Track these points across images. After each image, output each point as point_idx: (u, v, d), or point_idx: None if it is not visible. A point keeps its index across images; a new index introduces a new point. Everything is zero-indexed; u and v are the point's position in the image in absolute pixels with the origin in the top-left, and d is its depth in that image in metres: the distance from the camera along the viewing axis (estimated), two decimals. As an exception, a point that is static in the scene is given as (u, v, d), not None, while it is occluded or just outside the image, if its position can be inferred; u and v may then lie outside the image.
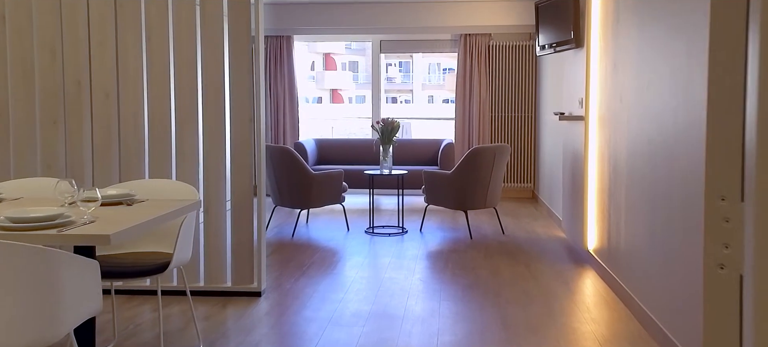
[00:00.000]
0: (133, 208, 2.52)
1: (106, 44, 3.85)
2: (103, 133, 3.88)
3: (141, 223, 2.20)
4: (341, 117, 23.55)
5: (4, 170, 3.93)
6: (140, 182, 3.04)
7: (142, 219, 2.27)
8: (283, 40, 8.09)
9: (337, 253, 4.95)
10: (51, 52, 3.88)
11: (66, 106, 3.89)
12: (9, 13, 3.86)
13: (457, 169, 5.40)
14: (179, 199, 2.77)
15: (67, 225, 2.11)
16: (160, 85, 3.85)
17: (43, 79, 3.89)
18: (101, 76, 3.86)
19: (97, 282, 2.04)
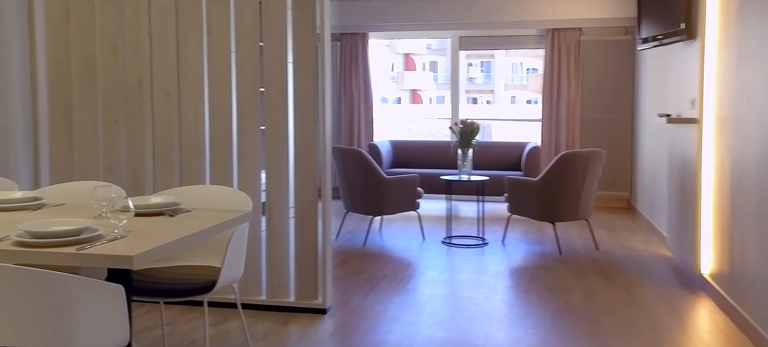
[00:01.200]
0: (175, 220, 2.22)
1: (167, 40, 3.64)
2: (164, 133, 3.67)
3: (173, 242, 1.89)
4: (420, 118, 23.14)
5: (67, 171, 3.80)
6: (190, 189, 2.76)
7: (178, 235, 1.96)
8: (358, 37, 7.78)
9: (410, 266, 4.55)
10: (112, 49, 3.71)
11: (127, 106, 3.72)
12: (72, 8, 3.73)
13: (545, 176, 4.87)
14: (229, 210, 2.46)
15: (91, 242, 1.82)
16: (221, 84, 3.60)
17: (104, 77, 3.73)
18: (162, 74, 3.66)
19: (122, 309, 1.74)
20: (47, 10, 3.74)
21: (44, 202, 2.50)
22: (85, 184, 2.86)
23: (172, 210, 2.35)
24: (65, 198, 2.78)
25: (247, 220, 2.42)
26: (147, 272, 2.53)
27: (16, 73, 3.67)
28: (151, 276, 2.48)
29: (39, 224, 1.89)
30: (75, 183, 2.84)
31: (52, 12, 3.74)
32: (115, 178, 3.73)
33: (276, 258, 3.59)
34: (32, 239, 1.78)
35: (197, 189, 2.75)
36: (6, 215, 2.26)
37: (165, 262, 2.67)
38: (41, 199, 2.50)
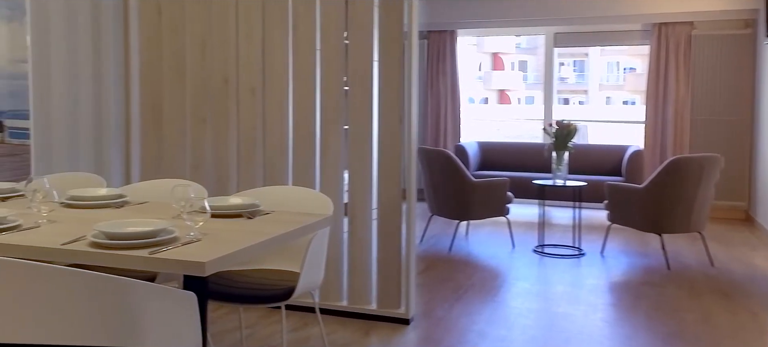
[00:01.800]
0: (253, 223, 2.12)
1: (253, 38, 3.60)
2: (248, 132, 3.64)
3: (248, 247, 1.78)
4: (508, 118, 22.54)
5: (155, 169, 3.86)
6: (271, 189, 2.67)
7: (254, 240, 1.85)
8: (446, 35, 7.57)
9: (500, 275, 4.30)
10: (201, 47, 3.72)
11: (213, 104, 3.71)
12: (164, 7, 3.77)
13: (652, 183, 4.46)
14: (308, 213, 2.34)
15: (165, 245, 1.74)
16: (306, 82, 3.51)
17: (193, 75, 3.74)
18: (247, 71, 3.62)
19: (193, 317, 1.65)
20: (141, 9, 3.81)
21: (127, 200, 2.48)
22: (170, 183, 2.84)
23: (251, 212, 2.26)
24: (150, 196, 2.77)
25: (327, 225, 2.29)
26: (224, 275, 2.45)
27: (111, 71, 3.76)
28: (229, 280, 2.40)
29: (115, 224, 1.83)
30: (160, 181, 2.83)
31: (146, 11, 3.80)
32: (201, 177, 3.74)
33: (358, 262, 3.46)
34: (107, 240, 1.72)
35: (278, 190, 2.65)
36: (89, 213, 2.25)
37: (242, 265, 2.59)
38: (125, 197, 2.48)
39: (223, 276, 2.43)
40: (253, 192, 2.66)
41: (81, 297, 1.45)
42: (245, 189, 3.64)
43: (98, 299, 1.47)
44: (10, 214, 1.97)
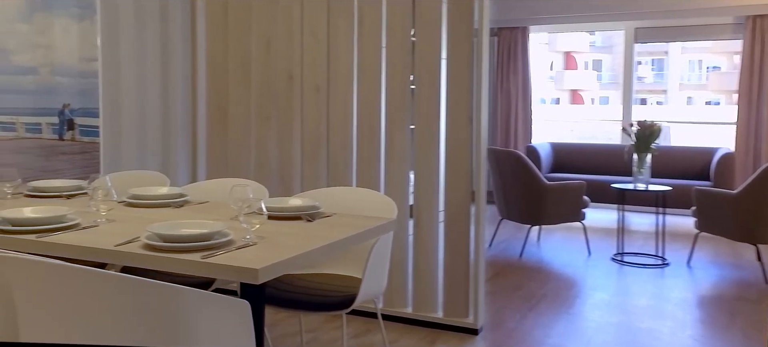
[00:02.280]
0: (312, 227, 2.01)
1: (318, 35, 3.51)
2: (312, 131, 3.56)
3: (305, 253, 1.66)
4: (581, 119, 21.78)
5: (220, 167, 3.85)
6: (333, 190, 2.56)
7: (312, 244, 1.74)
8: (518, 32, 7.30)
9: (575, 284, 4.04)
10: (266, 44, 3.67)
11: (278, 102, 3.66)
12: (231, 4, 3.75)
13: (748, 188, 4.08)
14: (371, 216, 2.21)
15: (220, 248, 1.65)
16: (371, 79, 3.39)
17: (258, 73, 3.70)
18: (312, 68, 3.54)
19: (247, 325, 1.55)
20: (208, 8, 3.80)
21: (188, 199, 2.44)
22: (232, 183, 2.78)
23: (311, 214, 2.15)
24: (212, 195, 2.72)
25: (390, 230, 2.16)
26: (283, 279, 2.36)
27: (178, 70, 3.77)
28: (288, 284, 2.31)
29: (170, 226, 1.76)
30: (223, 180, 2.78)
31: (212, 9, 3.79)
32: (265, 176, 3.70)
33: (423, 267, 3.31)
34: (160, 242, 1.65)
35: (340, 192, 2.54)
36: (149, 212, 2.20)
37: (302, 269, 2.49)
38: (185, 196, 2.44)
39: (282, 280, 2.34)
40: (315, 193, 2.56)
41: (130, 302, 1.37)
42: (309, 189, 3.56)
43: (148, 305, 1.39)
44: (70, 213, 1.94)
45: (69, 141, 3.10)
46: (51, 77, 2.97)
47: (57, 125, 3.03)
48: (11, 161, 2.83)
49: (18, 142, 2.87)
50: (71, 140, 3.10)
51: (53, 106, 3.00)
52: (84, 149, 3.17)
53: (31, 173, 2.90)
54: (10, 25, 2.77)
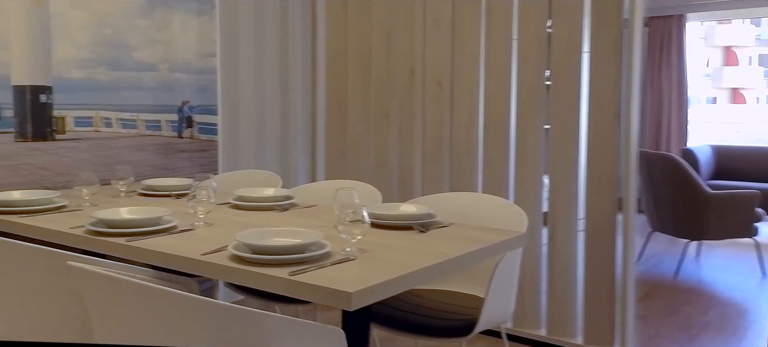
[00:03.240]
0: (425, 239, 1.74)
1: (442, 24, 3.23)
2: (434, 130, 3.28)
3: (412, 273, 1.39)
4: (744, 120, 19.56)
5: (339, 168, 3.69)
6: (454, 196, 2.27)
7: (421, 262, 1.46)
8: (672, 21, 6.52)
9: (746, 312, 3.42)
10: (387, 38, 3.46)
11: (398, 99, 3.43)
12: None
13: None
14: (496, 228, 1.89)
15: (314, 263, 1.42)
16: (500, 73, 3.05)
17: (378, 68, 3.50)
18: (435, 62, 3.27)
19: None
20: (327, 1, 3.66)
21: (295, 202, 2.26)
22: (342, 184, 2.58)
23: (424, 224, 1.87)
24: (322, 198, 2.53)
25: (519, 245, 1.82)
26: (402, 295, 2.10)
27: (297, 65, 3.67)
28: (399, 300, 2.04)
29: (260, 234, 1.56)
30: (335, 182, 2.59)
31: (332, 3, 3.65)
32: (384, 179, 3.48)
33: (559, 283, 2.91)
34: (248, 253, 1.45)
35: (462, 198, 2.24)
36: (251, 215, 2.05)
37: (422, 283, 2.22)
38: (292, 199, 2.26)
39: (401, 297, 2.09)
40: (432, 198, 2.28)
41: (205, 325, 1.17)
42: (429, 193, 3.29)
43: (226, 330, 1.19)
44: (167, 214, 1.82)
45: (187, 139, 3.07)
46: (170, 74, 2.96)
47: (176, 122, 3.02)
48: (131, 158, 2.84)
49: (138, 139, 2.88)
50: (190, 138, 3.08)
51: (172, 103, 2.99)
52: (202, 147, 3.14)
53: (151, 171, 2.90)
54: (131, 20, 2.77)
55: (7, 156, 2.42)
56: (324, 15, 3.70)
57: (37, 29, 2.47)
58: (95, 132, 2.71)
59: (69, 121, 2.61)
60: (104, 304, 1.25)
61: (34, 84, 2.48)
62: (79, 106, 2.63)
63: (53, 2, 2.51)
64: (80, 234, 1.71)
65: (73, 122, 2.62)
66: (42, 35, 2.49)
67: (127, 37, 2.77)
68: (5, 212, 1.98)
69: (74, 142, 2.63)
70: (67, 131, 2.61)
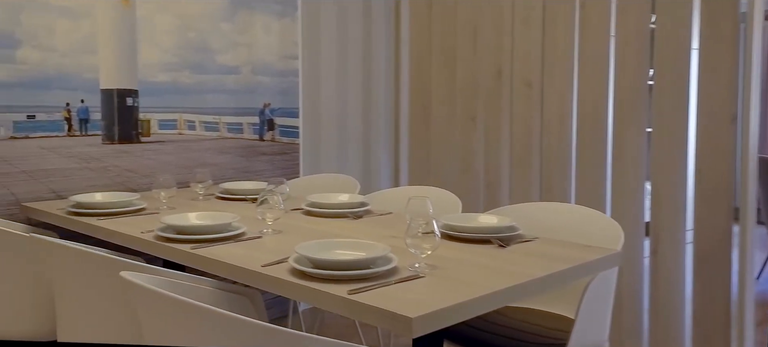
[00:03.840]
0: (504, 254, 1.58)
1: (531, 20, 3.03)
2: (522, 134, 3.09)
3: (483, 297, 1.24)
4: None
5: (422, 173, 3.57)
6: (541, 207, 2.09)
7: (496, 283, 1.31)
8: (800, 9, 5.86)
9: None
10: (473, 35, 3.29)
11: (484, 100, 3.26)
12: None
13: None
14: (586, 245, 1.70)
15: (377, 280, 1.31)
16: (596, 72, 2.81)
17: (463, 68, 3.34)
18: (523, 61, 3.07)
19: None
20: (412, 0, 3.55)
21: (370, 209, 2.16)
22: (422, 190, 2.46)
23: (504, 238, 1.71)
24: (400, 205, 2.42)
25: (612, 265, 1.62)
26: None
27: (381, 66, 3.58)
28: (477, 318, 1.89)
29: (322, 247, 1.47)
30: (411, 189, 2.47)
31: (416, 2, 3.53)
32: (469, 184, 3.32)
33: (663, 301, 2.64)
34: (308, 267, 1.36)
35: (551, 209, 2.05)
36: (322, 222, 1.97)
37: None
38: (367, 206, 2.16)
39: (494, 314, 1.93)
40: (517, 209, 2.10)
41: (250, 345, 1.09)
42: (518, 200, 3.10)
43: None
44: (236, 220, 1.77)
45: (269, 141, 3.06)
46: (252, 76, 2.95)
47: (257, 125, 3.01)
48: (214, 161, 2.86)
49: (220, 141, 2.89)
50: (271, 140, 3.07)
51: (254, 105, 2.98)
52: (284, 150, 3.12)
53: (233, 173, 2.91)
54: (214, 24, 2.79)
55: (96, 157, 2.49)
56: (408, 15, 3.59)
57: (124, 34, 2.53)
58: (179, 134, 2.74)
59: (154, 123, 2.65)
60: (152, 317, 1.20)
61: (120, 87, 2.54)
62: (163, 109, 2.67)
63: (139, 6, 2.56)
64: (149, 240, 1.70)
65: (158, 125, 2.66)
66: (129, 40, 2.54)
67: (210, 41, 2.79)
68: (85, 213, 2.01)
69: (158, 145, 2.68)
70: (152, 134, 2.65)
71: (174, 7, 2.66)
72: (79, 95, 2.42)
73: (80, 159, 2.45)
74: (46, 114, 2.35)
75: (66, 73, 2.37)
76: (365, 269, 1.34)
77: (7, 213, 2.24)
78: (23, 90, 2.27)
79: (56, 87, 2.36)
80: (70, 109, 2.41)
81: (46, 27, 2.31)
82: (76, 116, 2.42)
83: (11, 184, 2.27)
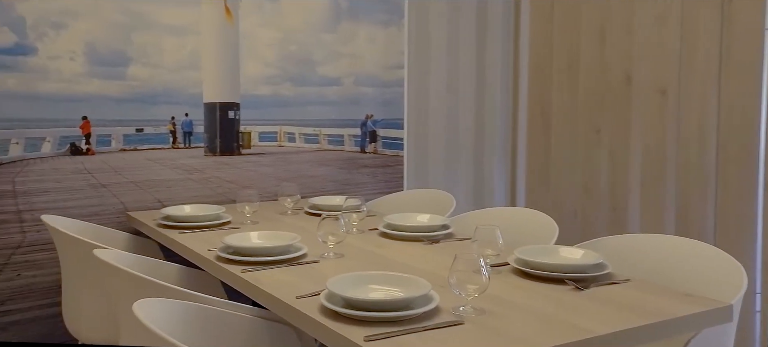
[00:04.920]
0: (580, 300, 1.35)
1: (668, 17, 2.66)
2: (654, 148, 2.72)
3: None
4: None
5: (541, 191, 3.29)
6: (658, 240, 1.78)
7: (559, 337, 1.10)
8: None
9: None
10: (600, 36, 2.97)
11: (610, 109, 2.92)
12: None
13: None
14: (687, 294, 1.40)
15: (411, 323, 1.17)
16: (744, 77, 2.39)
17: (587, 73, 3.04)
18: (655, 65, 2.71)
19: None
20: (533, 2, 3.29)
21: (451, 232, 1.99)
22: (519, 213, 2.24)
23: (585, 278, 1.46)
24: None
25: (719, 321, 1.31)
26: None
27: (497, 75, 3.36)
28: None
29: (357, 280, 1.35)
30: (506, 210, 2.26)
31: (538, 3, 3.26)
32: (592, 204, 3.00)
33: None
34: (339, 306, 1.24)
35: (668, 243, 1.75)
36: (392, 246, 1.85)
37: None
38: (448, 229, 2.00)
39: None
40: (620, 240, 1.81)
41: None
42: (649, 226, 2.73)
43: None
44: (297, 241, 1.71)
45: (371, 153, 3.00)
46: (354, 87, 2.90)
47: (359, 137, 2.96)
48: (314, 173, 2.85)
49: (321, 153, 2.88)
50: (373, 153, 3.00)
51: (356, 117, 2.93)
52: (386, 162, 3.04)
53: (333, 186, 2.88)
54: (316, 35, 2.78)
55: (198, 169, 2.58)
56: (528, 18, 3.33)
57: (227, 49, 2.60)
58: (279, 146, 2.77)
59: (254, 136, 2.70)
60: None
61: (223, 101, 2.61)
62: (264, 122, 2.71)
63: (242, 21, 2.62)
64: (208, 259, 1.69)
65: (258, 137, 2.71)
66: (231, 55, 2.61)
67: (312, 53, 2.79)
68: (171, 226, 2.07)
69: (259, 156, 2.72)
70: (253, 146, 2.70)
71: (276, 21, 2.69)
72: (184, 109, 2.53)
73: (183, 170, 2.55)
74: (152, 127, 2.48)
75: (172, 88, 2.49)
76: (397, 311, 1.20)
77: (117, 221, 2.39)
78: (132, 105, 2.42)
79: (162, 101, 2.48)
80: (175, 122, 2.52)
81: (154, 45, 2.43)
82: (180, 129, 2.53)
83: (121, 194, 2.42)
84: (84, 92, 2.32)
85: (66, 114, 2.30)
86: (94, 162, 2.38)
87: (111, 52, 2.36)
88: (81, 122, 2.33)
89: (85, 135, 2.35)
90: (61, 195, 2.32)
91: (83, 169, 2.36)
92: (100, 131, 2.38)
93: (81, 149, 2.35)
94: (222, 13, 2.58)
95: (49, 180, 2.29)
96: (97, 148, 2.38)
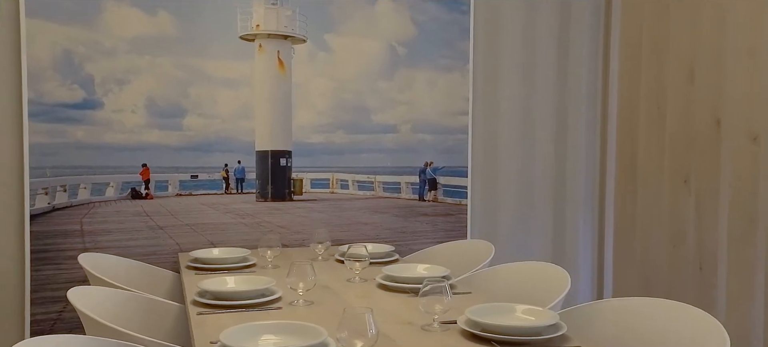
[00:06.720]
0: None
1: (758, 53, 2.30)
2: (746, 200, 2.35)
3: None
4: None
5: (627, 242, 2.97)
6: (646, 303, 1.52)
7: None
8: None
9: None
10: (688, 72, 2.66)
11: (698, 155, 2.57)
12: (646, 22, 2.88)
13: None
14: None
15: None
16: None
17: (674, 113, 2.72)
18: (747, 109, 2.35)
19: None
20: (623, 31, 3.02)
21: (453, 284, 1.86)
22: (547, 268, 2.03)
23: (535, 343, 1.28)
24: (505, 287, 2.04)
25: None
26: None
27: (580, 118, 3.12)
28: None
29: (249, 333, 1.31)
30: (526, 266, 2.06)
31: (627, 32, 2.99)
32: (680, 258, 2.65)
33: None
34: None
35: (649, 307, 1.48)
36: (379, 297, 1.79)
37: None
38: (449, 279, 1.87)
39: None
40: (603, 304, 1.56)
41: None
42: (735, 290, 2.33)
43: None
44: (272, 284, 1.73)
45: (430, 201, 2.92)
46: (412, 135, 2.88)
47: (417, 184, 2.91)
48: (368, 220, 2.86)
49: (375, 200, 2.87)
50: (433, 200, 2.93)
51: (413, 164, 2.90)
52: (448, 211, 2.94)
53: (389, 234, 2.86)
54: (371, 84, 2.82)
55: (250, 214, 2.72)
56: (617, 54, 3.06)
57: (279, 99, 2.73)
58: (331, 193, 2.82)
59: (306, 182, 2.78)
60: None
61: (275, 149, 2.74)
62: (316, 169, 2.78)
63: (296, 73, 2.74)
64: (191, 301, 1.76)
65: (310, 184, 2.79)
66: (284, 104, 2.74)
67: (366, 100, 2.83)
68: (197, 268, 2.19)
69: (310, 203, 2.79)
70: (305, 192, 2.78)
71: (330, 71, 2.78)
72: (236, 156, 2.70)
73: (236, 214, 2.71)
74: (206, 174, 2.68)
75: (225, 137, 2.67)
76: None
77: (172, 260, 2.59)
78: (188, 153, 2.63)
79: (216, 149, 2.66)
80: (228, 169, 2.69)
81: (209, 97, 2.64)
82: (233, 176, 2.70)
83: (177, 235, 2.63)
84: (144, 141, 2.58)
85: (128, 161, 2.57)
86: (153, 205, 2.62)
87: (169, 105, 2.60)
88: (141, 169, 2.59)
89: (144, 181, 2.60)
90: (123, 236, 2.58)
91: (142, 212, 2.61)
92: (158, 177, 2.62)
93: (141, 194, 2.60)
94: (275, 65, 2.73)
95: (112, 222, 2.57)
96: (155, 193, 2.62)
